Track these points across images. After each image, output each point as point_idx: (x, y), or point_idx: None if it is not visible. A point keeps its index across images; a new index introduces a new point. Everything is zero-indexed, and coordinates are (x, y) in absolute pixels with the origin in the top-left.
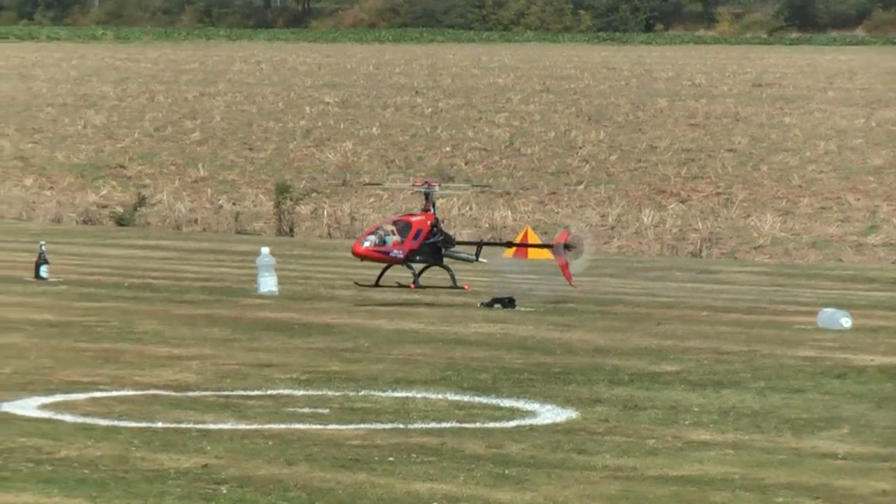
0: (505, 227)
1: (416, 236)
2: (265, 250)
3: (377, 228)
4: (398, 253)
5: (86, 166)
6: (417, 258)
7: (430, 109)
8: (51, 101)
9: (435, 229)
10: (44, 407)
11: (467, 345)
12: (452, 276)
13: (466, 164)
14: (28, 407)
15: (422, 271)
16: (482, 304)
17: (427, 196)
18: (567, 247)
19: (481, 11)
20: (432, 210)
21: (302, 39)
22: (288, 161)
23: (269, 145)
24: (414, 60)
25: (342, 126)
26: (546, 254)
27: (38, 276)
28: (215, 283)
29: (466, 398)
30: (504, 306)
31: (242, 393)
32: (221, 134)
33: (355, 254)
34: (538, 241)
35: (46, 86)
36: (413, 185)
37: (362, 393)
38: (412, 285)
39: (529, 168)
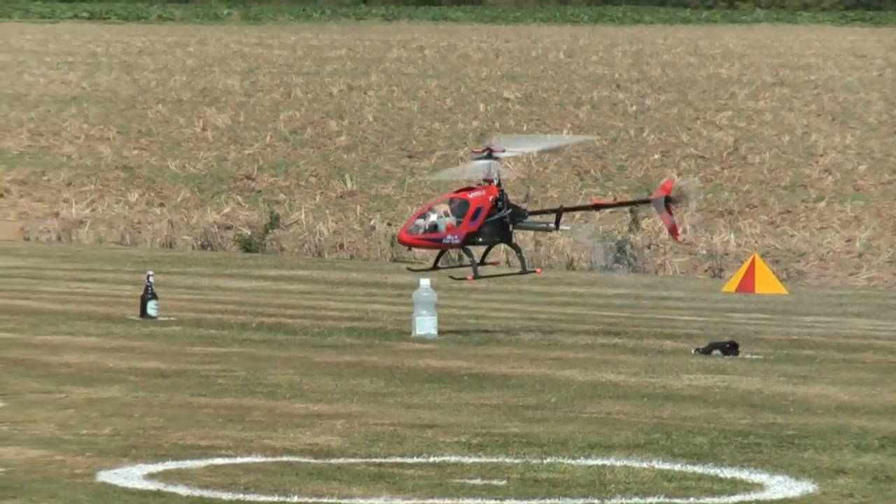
0: (727, 253)
1: (474, 216)
2: (425, 283)
3: (428, 210)
4: (453, 238)
5: (205, 178)
6: (479, 240)
7: (634, 107)
8: (162, 98)
9: (499, 203)
10: (151, 477)
11: (679, 401)
12: (522, 260)
13: (679, 174)
14: (132, 477)
15: (485, 253)
16: (697, 349)
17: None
18: (669, 199)
19: None
20: (496, 181)
21: (476, 20)
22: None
23: (434, 152)
24: (615, 46)
25: (525, 128)
26: (778, 288)
27: (144, 313)
28: (365, 323)
29: (678, 467)
30: (725, 353)
31: (399, 460)
32: (374, 137)
33: (401, 242)
34: (772, 277)
35: (156, 78)
36: (472, 153)
37: (548, 461)
38: (469, 277)
39: (758, 180)
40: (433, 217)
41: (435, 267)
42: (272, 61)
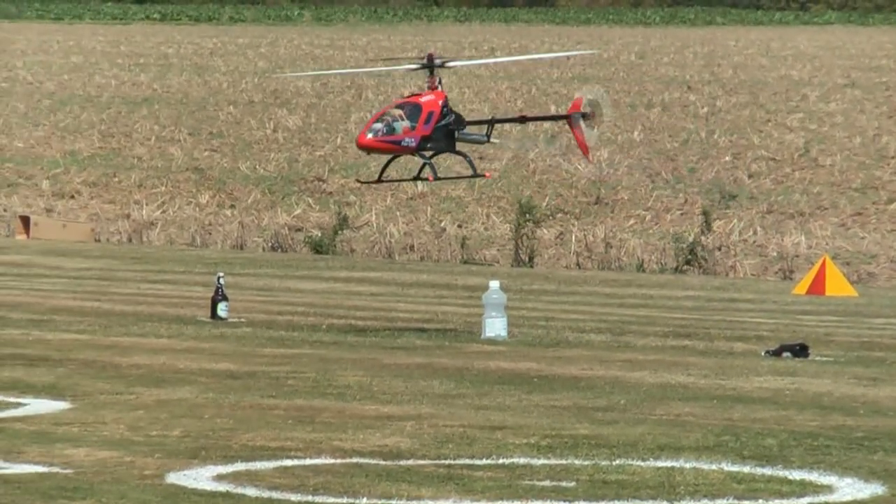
0: (797, 255)
1: (427, 120)
2: (494, 285)
3: (383, 114)
4: (410, 141)
5: (275, 179)
6: (429, 146)
7: (705, 109)
8: (232, 99)
9: (445, 109)
10: (221, 478)
11: (749, 403)
12: (471, 162)
13: (750, 177)
14: (201, 478)
15: (431, 157)
16: (767, 352)
17: (431, 71)
18: (584, 115)
19: None
20: (439, 87)
21: (547, 21)
22: (528, 174)
23: (504, 154)
24: (687, 47)
25: (596, 129)
26: (848, 290)
27: (215, 315)
28: (436, 325)
29: (747, 469)
30: (795, 355)
31: (468, 462)
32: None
33: (360, 146)
34: (842, 279)
35: (227, 80)
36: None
37: (617, 462)
38: (430, 177)
39: (829, 182)
40: (390, 120)
41: (380, 179)
42: (343, 63)
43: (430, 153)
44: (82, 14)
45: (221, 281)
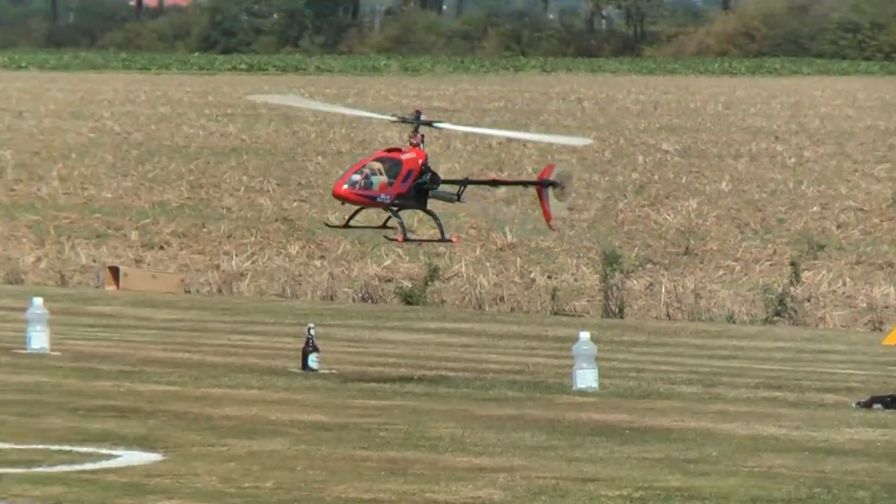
0: (887, 306)
1: (405, 178)
2: (584, 336)
3: (363, 166)
4: (385, 198)
5: (364, 230)
6: (404, 202)
7: (793, 159)
8: (321, 150)
9: (424, 168)
10: None
11: (840, 454)
12: (440, 225)
13: (839, 227)
14: None
15: (391, 218)
16: (859, 403)
17: (415, 128)
18: (552, 184)
19: (857, 36)
20: (421, 145)
21: (633, 71)
22: (616, 224)
23: (592, 204)
24: (773, 98)
25: (684, 180)
26: None
27: (306, 366)
28: (527, 376)
29: None
30: (886, 406)
31: None
32: (533, 190)
33: (336, 195)
34: None
35: (315, 130)
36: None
37: None
38: (399, 237)
39: None
40: (368, 173)
41: (347, 225)
42: (431, 113)
43: (400, 209)
44: (169, 64)
45: (312, 332)
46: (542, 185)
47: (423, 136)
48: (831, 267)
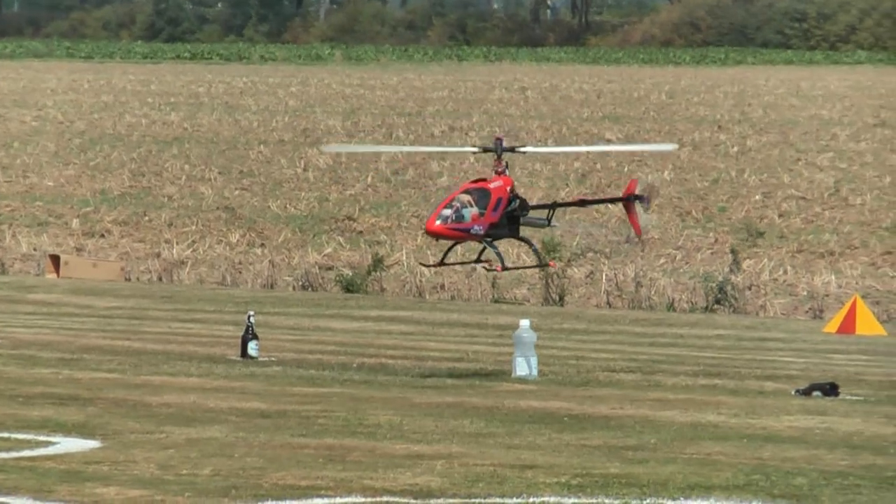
0: (827, 294)
1: (496, 207)
2: (524, 324)
3: (452, 200)
4: (479, 229)
5: (306, 219)
6: (496, 231)
7: (736, 148)
8: (263, 138)
9: (512, 195)
10: None
11: (779, 442)
12: (536, 252)
13: (780, 216)
14: None
15: (485, 248)
16: (797, 391)
17: (498, 155)
18: (638, 197)
19: (802, 26)
20: (506, 171)
21: (577, 60)
22: (557, 214)
23: (535, 193)
24: (717, 87)
25: (626, 169)
26: (879, 329)
27: (245, 354)
28: (466, 364)
29: None
30: (825, 394)
31: (499, 501)
32: (475, 178)
33: (429, 233)
34: (873, 318)
35: (258, 119)
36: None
37: (647, 502)
38: (498, 267)
39: (859, 222)
40: (459, 207)
41: (442, 263)
42: (374, 102)
43: (494, 239)
44: (112, 53)
45: (252, 320)
46: (628, 199)
47: (507, 162)
48: (772, 255)
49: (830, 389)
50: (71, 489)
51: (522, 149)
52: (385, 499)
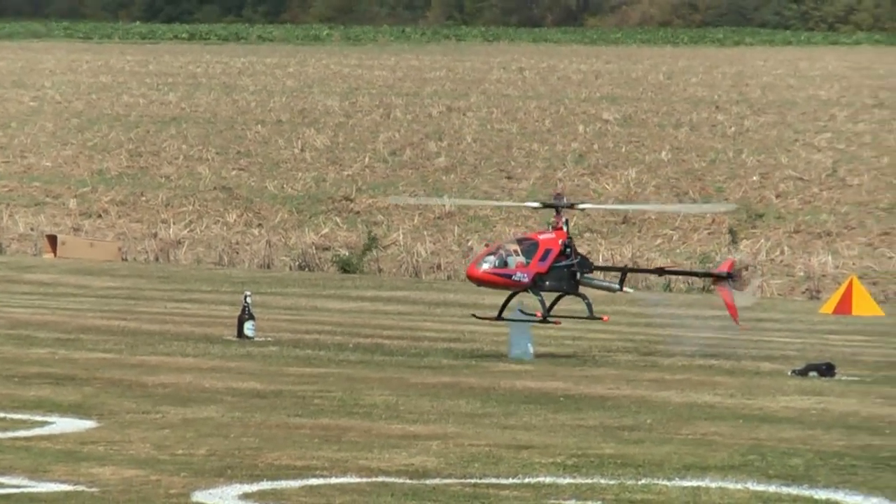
0: (824, 275)
1: (543, 257)
2: (520, 305)
3: (498, 248)
4: (522, 276)
5: (303, 199)
6: (547, 283)
7: (733, 129)
8: (261, 118)
9: (567, 250)
10: (247, 497)
11: (775, 422)
12: (589, 305)
13: (778, 196)
14: (227, 497)
15: (554, 302)
16: (794, 371)
17: (557, 210)
18: (730, 276)
19: (800, 7)
20: (564, 227)
21: (576, 41)
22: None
23: (532, 173)
24: (715, 68)
25: (624, 149)
26: (875, 310)
27: (241, 334)
28: (462, 344)
29: (773, 488)
30: (821, 374)
31: (494, 481)
32: (473, 158)
33: (471, 277)
34: (869, 299)
35: (256, 99)
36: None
37: (643, 482)
38: (538, 313)
39: (857, 202)
40: (503, 254)
41: (500, 317)
42: (372, 82)
43: (546, 292)
44: (111, 33)
45: (248, 300)
46: (716, 277)
47: (567, 219)
48: (770, 236)
49: (827, 370)
50: (67, 469)
51: (581, 206)
52: (381, 479)
